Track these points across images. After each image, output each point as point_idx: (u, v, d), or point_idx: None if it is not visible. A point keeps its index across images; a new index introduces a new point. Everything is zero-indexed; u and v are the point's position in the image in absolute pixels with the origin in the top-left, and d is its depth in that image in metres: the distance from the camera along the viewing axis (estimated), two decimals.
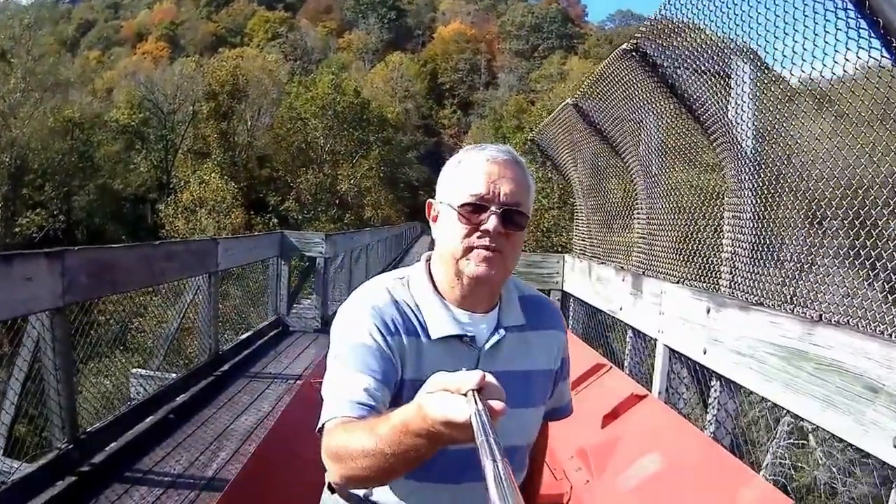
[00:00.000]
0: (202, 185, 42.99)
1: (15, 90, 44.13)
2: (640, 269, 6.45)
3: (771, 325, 3.74)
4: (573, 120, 7.70)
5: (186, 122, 56.30)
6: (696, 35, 4.54)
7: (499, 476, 1.12)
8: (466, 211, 1.88)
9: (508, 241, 1.90)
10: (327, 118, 51.87)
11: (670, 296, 5.30)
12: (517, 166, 1.95)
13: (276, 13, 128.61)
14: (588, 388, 5.43)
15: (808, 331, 3.39)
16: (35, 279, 5.08)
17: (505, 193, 1.88)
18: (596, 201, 8.54)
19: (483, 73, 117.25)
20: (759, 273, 4.27)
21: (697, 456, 3.77)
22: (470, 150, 2.00)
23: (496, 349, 1.97)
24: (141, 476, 5.86)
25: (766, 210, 4.28)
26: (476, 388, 1.41)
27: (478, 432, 1.30)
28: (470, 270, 1.90)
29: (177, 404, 7.66)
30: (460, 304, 1.98)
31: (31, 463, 5.38)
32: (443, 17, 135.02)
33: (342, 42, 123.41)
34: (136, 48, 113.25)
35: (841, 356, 3.12)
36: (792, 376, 3.48)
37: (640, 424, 4.48)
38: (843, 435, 3.10)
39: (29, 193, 46.03)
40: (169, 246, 8.68)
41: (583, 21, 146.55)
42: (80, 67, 66.36)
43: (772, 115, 4.22)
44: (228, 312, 11.95)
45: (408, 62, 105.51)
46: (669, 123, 5.82)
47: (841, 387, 3.09)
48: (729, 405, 4.61)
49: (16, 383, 5.62)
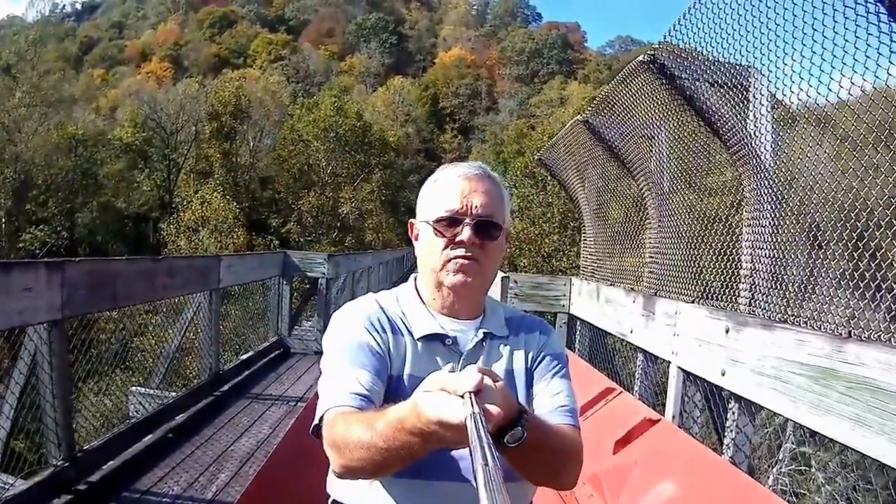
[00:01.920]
0: (204, 204, 43.14)
1: (20, 105, 44.60)
2: (652, 289, 6.36)
3: (797, 343, 3.62)
4: (583, 137, 7.65)
5: (189, 141, 56.82)
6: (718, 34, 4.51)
7: (490, 480, 1.16)
8: (442, 225, 2.04)
9: (484, 251, 2.05)
10: (329, 140, 52.14)
11: (686, 316, 5.17)
12: (489, 180, 2.10)
13: (278, 35, 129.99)
14: (598, 413, 5.38)
15: (838, 348, 3.27)
16: (34, 290, 5.00)
17: (477, 206, 2.03)
18: (604, 221, 8.49)
19: (483, 98, 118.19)
20: (780, 289, 4.18)
21: (716, 481, 3.68)
22: (444, 168, 2.17)
23: (477, 351, 2.09)
24: (139, 496, 5.77)
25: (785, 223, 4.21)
26: (473, 391, 1.47)
27: (472, 436, 1.33)
28: (449, 280, 2.06)
29: (176, 423, 7.59)
30: (444, 313, 2.12)
31: (27, 480, 5.28)
32: (444, 43, 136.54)
33: (344, 65, 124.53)
34: (139, 68, 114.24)
35: (873, 373, 3.02)
36: (819, 396, 3.37)
37: (654, 450, 4.40)
38: (875, 455, 3.00)
39: (32, 209, 46.44)
40: (171, 261, 8.68)
41: (582, 46, 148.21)
42: (85, 85, 66.92)
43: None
44: (228, 334, 11.87)
45: (409, 86, 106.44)
46: (685, 136, 5.77)
47: (873, 405, 2.99)
48: (748, 429, 4.49)
49: (12, 397, 5.54)
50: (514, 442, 1.64)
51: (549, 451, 1.85)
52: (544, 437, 1.80)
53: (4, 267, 4.85)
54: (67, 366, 5.75)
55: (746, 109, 4.50)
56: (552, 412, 2.05)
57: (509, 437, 1.63)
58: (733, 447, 4.49)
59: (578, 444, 2.02)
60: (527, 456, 1.72)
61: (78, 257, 9.02)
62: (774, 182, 4.37)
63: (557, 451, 1.91)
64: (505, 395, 1.61)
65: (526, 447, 1.66)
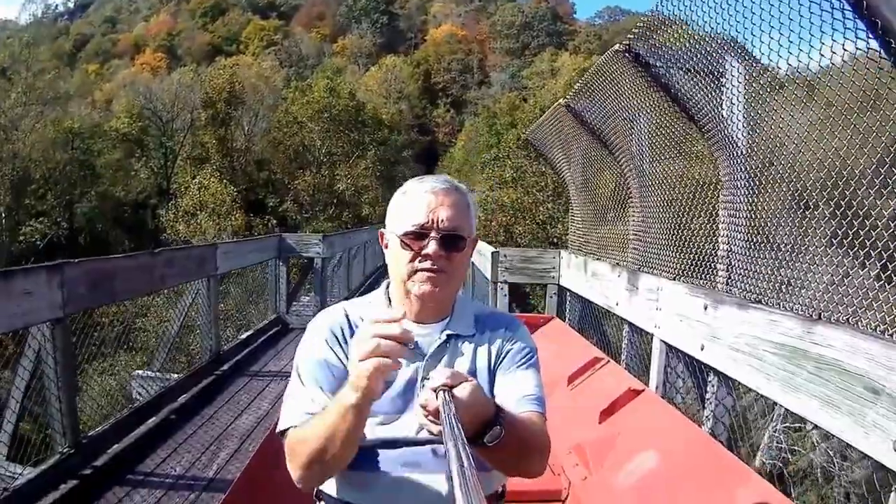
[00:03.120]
0: (202, 189, 42.88)
1: (16, 105, 44.35)
2: (636, 265, 6.46)
3: (770, 322, 3.71)
4: (565, 120, 7.74)
5: (185, 129, 56.30)
6: (687, 29, 4.54)
7: (464, 481, 1.20)
8: (409, 239, 2.12)
9: (450, 262, 2.14)
10: (324, 121, 51.73)
11: (667, 292, 5.28)
12: (455, 192, 2.20)
13: (270, 21, 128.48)
14: (585, 383, 5.43)
15: (808, 329, 3.35)
16: (35, 293, 5.16)
17: (442, 220, 2.11)
18: (589, 197, 8.59)
19: (475, 73, 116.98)
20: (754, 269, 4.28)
21: (695, 452, 3.74)
22: (412, 183, 2.25)
23: (441, 351, 2.19)
24: (142, 478, 5.94)
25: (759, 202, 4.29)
26: (447, 386, 1.65)
27: (446, 436, 1.41)
28: (416, 290, 2.13)
29: (178, 404, 7.77)
30: (412, 319, 2.16)
31: (35, 468, 5.43)
32: (434, 20, 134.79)
33: (336, 47, 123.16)
34: (133, 60, 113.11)
35: (841, 356, 3.08)
36: (791, 374, 3.44)
37: (637, 420, 4.45)
38: (842, 436, 3.06)
39: (32, 203, 46.08)
40: (168, 253, 8.77)
41: (571, 18, 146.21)
42: (80, 80, 66.50)
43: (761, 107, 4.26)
44: (229, 310, 12.03)
45: (401, 64, 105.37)
46: (662, 121, 5.83)
47: (841, 387, 3.05)
48: (727, 401, 4.61)
49: (17, 392, 5.66)
50: (493, 440, 1.76)
51: (522, 445, 1.94)
52: (518, 432, 1.89)
53: (5, 275, 5.04)
54: (71, 359, 5.90)
55: (720, 95, 4.56)
56: (519, 401, 2.11)
57: (489, 436, 1.76)
58: (713, 419, 4.60)
59: (546, 434, 2.11)
60: (502, 450, 1.82)
61: (79, 251, 9.12)
62: (749, 165, 4.43)
63: (528, 443, 1.99)
64: (479, 394, 1.75)
65: (502, 443, 1.77)
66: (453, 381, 1.70)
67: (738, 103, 4.42)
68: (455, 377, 1.71)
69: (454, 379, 1.70)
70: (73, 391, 5.89)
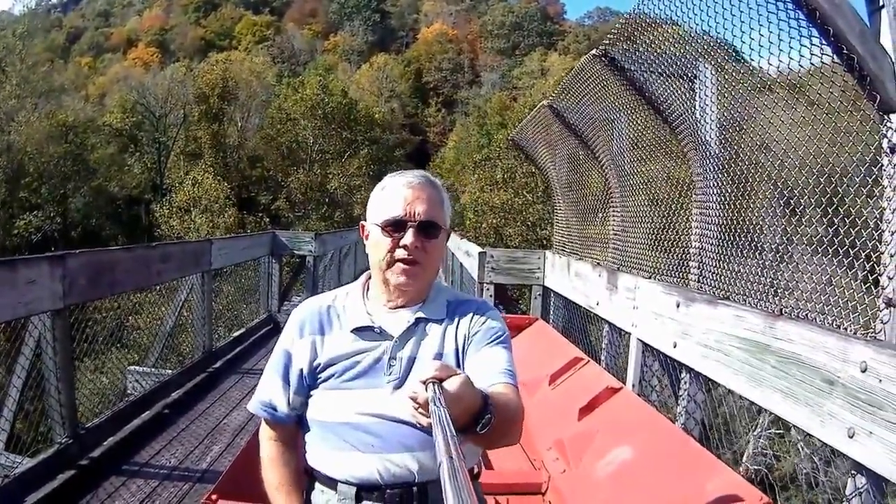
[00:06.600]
0: (195, 185, 42.80)
1: (10, 97, 44.15)
2: (616, 264, 6.60)
3: (736, 318, 3.87)
4: (549, 121, 7.87)
5: (178, 124, 56.18)
6: (666, 29, 4.68)
7: (454, 473, 1.25)
8: (388, 229, 2.27)
9: (426, 252, 2.29)
10: (316, 118, 51.60)
11: (643, 291, 5.43)
12: (431, 187, 2.35)
13: (262, 17, 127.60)
14: (566, 382, 5.51)
15: (770, 325, 3.49)
16: (38, 282, 5.25)
17: (419, 213, 2.26)
18: (572, 198, 8.70)
19: (466, 72, 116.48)
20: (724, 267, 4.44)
21: (667, 446, 3.85)
22: (391, 177, 2.40)
23: (408, 334, 2.31)
24: (138, 469, 6.04)
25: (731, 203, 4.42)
26: (436, 378, 1.73)
27: (436, 429, 1.46)
28: (394, 280, 2.30)
29: (172, 399, 7.86)
30: (389, 306, 2.36)
31: (33, 457, 5.54)
32: (425, 19, 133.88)
33: (328, 44, 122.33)
34: (126, 54, 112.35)
35: (800, 349, 3.23)
36: (756, 369, 3.59)
37: (614, 416, 4.55)
38: (803, 426, 3.19)
39: (26, 196, 45.81)
40: (165, 247, 8.83)
41: (561, 18, 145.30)
42: (73, 74, 66.16)
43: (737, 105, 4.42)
44: (221, 310, 12.11)
45: (392, 63, 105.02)
46: (640, 122, 6.00)
47: (801, 379, 3.19)
48: (698, 396, 4.76)
49: (18, 381, 5.79)
50: (485, 428, 1.88)
51: (505, 424, 2.02)
52: (502, 414, 1.96)
53: (9, 263, 5.11)
54: (70, 349, 6.00)
55: (693, 98, 4.72)
56: (491, 374, 2.19)
57: (481, 426, 1.87)
58: (685, 414, 4.77)
59: (520, 404, 2.17)
60: (490, 434, 1.91)
61: (73, 245, 9.23)
62: (720, 166, 4.59)
63: (510, 420, 2.07)
64: (468, 386, 1.85)
65: (491, 428, 1.89)
66: (443, 373, 1.78)
67: (710, 105, 4.58)
68: (444, 370, 1.80)
69: (443, 372, 1.79)
70: (72, 383, 6.00)
